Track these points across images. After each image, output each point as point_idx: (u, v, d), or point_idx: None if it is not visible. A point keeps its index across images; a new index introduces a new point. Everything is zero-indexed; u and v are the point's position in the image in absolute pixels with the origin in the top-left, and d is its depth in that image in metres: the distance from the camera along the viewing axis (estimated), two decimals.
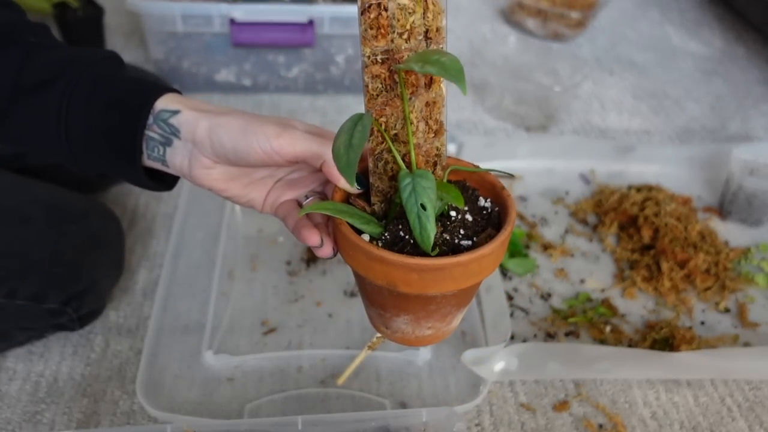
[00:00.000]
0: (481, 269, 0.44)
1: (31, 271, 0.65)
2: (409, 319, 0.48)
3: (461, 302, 0.49)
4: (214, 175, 0.51)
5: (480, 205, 0.49)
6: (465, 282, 0.44)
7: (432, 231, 0.42)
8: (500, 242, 0.44)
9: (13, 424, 0.65)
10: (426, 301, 0.46)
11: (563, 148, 1.03)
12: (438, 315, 0.48)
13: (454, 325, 0.51)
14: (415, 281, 0.43)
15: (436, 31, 0.43)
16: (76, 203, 0.73)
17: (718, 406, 0.71)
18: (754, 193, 0.92)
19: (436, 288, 0.44)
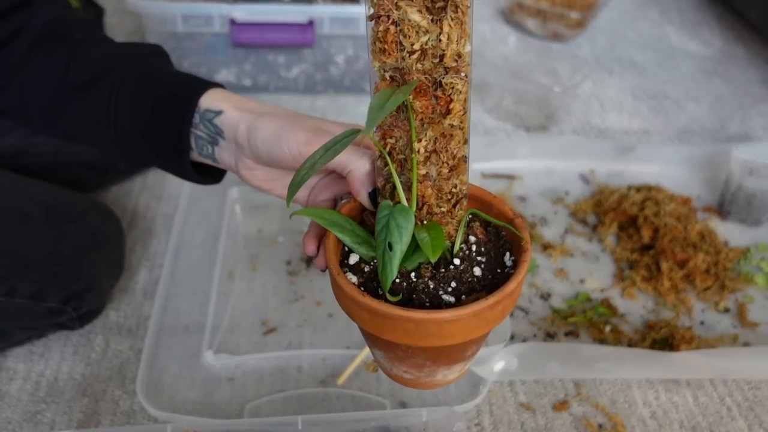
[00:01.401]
0: (441, 333, 0.38)
1: (31, 269, 0.65)
2: (383, 356, 0.45)
3: (437, 360, 0.42)
4: (259, 175, 0.53)
5: (503, 260, 0.44)
6: (423, 340, 0.39)
7: (392, 274, 0.38)
8: (471, 311, 0.38)
9: (14, 423, 0.65)
10: (389, 344, 0.42)
11: (563, 148, 1.03)
12: (410, 363, 0.43)
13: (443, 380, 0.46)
14: (367, 321, 0.40)
15: (457, 56, 0.37)
16: (75, 202, 0.73)
17: (717, 405, 0.72)
18: (753, 193, 0.92)
19: (390, 335, 0.40)
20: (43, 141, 0.81)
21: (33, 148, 0.81)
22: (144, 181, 0.95)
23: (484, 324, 0.40)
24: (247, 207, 0.91)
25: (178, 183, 0.95)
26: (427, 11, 0.36)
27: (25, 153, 0.81)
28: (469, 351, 0.44)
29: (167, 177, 0.96)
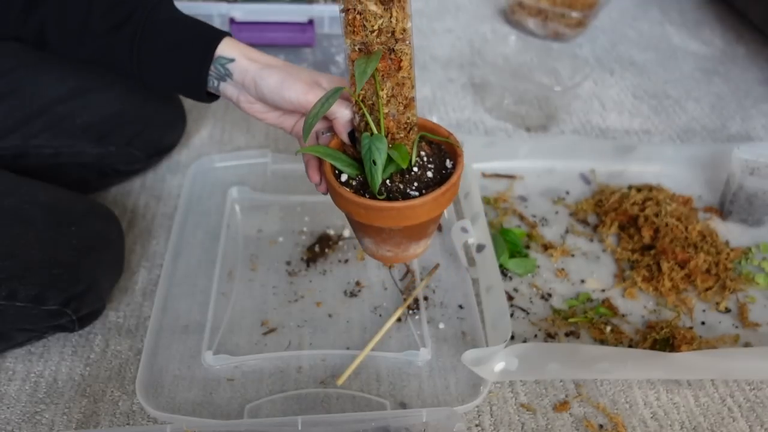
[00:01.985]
0: (414, 215, 0.57)
1: (32, 272, 0.65)
2: (371, 241, 0.62)
3: (410, 236, 0.61)
4: (257, 107, 0.65)
5: (446, 165, 0.60)
6: (401, 222, 0.57)
7: (378, 180, 0.55)
8: (432, 197, 0.56)
9: (12, 424, 0.65)
10: (377, 230, 0.60)
11: (564, 147, 1.03)
12: (391, 242, 0.62)
13: (414, 252, 0.64)
14: (363, 215, 0.57)
15: (402, 31, 0.53)
16: (76, 204, 0.73)
17: (718, 406, 0.71)
18: (754, 192, 0.92)
19: (380, 222, 0.57)
20: (43, 143, 0.81)
21: (33, 149, 0.81)
22: (143, 182, 0.95)
23: (439, 206, 0.58)
24: (247, 207, 0.91)
25: (177, 183, 0.95)
26: (381, 3, 0.52)
27: (24, 154, 0.81)
28: (430, 229, 0.63)
29: (167, 177, 0.96)
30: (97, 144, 0.84)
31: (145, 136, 0.89)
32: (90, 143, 0.84)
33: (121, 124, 0.86)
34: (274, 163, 0.97)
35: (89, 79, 0.85)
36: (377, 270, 0.83)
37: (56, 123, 0.81)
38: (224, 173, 0.96)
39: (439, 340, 0.75)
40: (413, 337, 0.76)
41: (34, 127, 0.80)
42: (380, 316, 0.78)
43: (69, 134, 0.82)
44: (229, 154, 0.98)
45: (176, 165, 0.98)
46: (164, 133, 0.93)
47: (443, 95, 1.20)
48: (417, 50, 1.34)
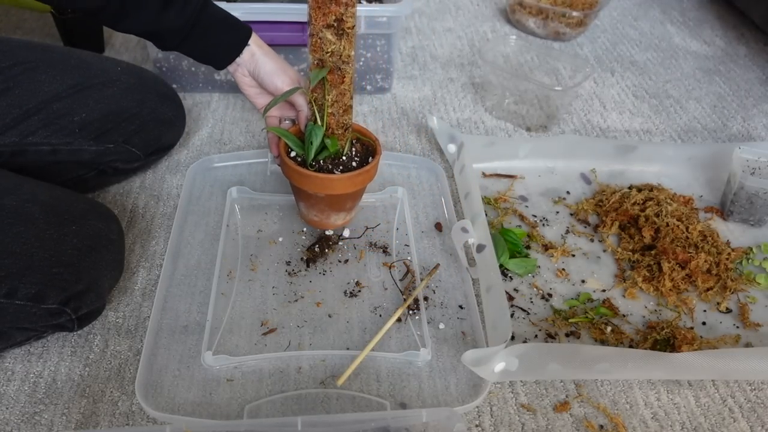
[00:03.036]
0: (332, 186, 0.78)
1: (31, 271, 0.64)
2: (304, 205, 0.83)
3: (330, 206, 0.81)
4: (248, 81, 0.83)
5: (368, 160, 0.82)
6: (324, 190, 0.78)
7: (310, 156, 0.78)
8: (347, 176, 0.77)
9: (12, 424, 0.65)
10: (308, 195, 0.80)
11: (564, 147, 1.02)
12: (317, 208, 0.82)
13: (335, 222, 0.85)
14: (298, 180, 0.79)
15: (347, 56, 0.73)
16: (76, 203, 0.73)
17: (719, 407, 0.71)
18: (755, 192, 0.92)
19: (309, 187, 0.78)
20: (41, 140, 0.81)
21: (30, 147, 0.80)
22: (143, 181, 0.95)
23: (353, 184, 0.79)
24: (247, 207, 0.91)
25: (177, 183, 0.95)
26: (335, 35, 0.72)
27: (22, 152, 0.80)
28: (348, 204, 0.83)
29: (166, 177, 0.96)
30: (95, 142, 0.84)
31: (144, 135, 0.89)
32: (88, 141, 0.84)
33: (119, 121, 0.86)
34: (273, 163, 0.97)
35: (87, 77, 0.85)
36: (377, 270, 0.83)
37: (54, 120, 0.81)
38: (224, 173, 0.96)
39: (439, 341, 0.75)
40: (413, 337, 0.75)
41: (31, 125, 0.80)
42: (380, 317, 0.78)
43: (67, 132, 0.82)
44: (229, 154, 0.98)
45: (176, 165, 0.98)
46: (163, 132, 0.93)
47: (443, 95, 1.20)
48: (417, 49, 1.34)
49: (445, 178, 0.97)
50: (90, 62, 0.88)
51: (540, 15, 1.38)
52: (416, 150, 1.05)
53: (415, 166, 1.00)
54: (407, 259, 0.85)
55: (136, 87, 0.89)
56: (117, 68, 0.90)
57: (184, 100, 1.10)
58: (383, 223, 0.90)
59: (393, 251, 0.86)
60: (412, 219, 0.91)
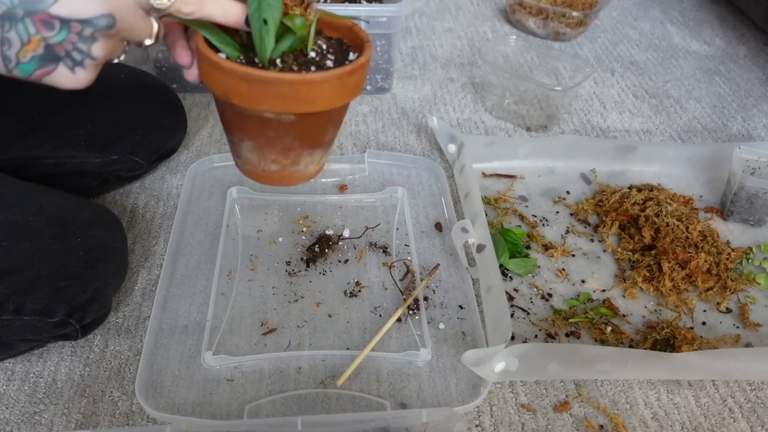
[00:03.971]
0: (311, 95, 0.46)
1: (38, 287, 0.64)
2: (252, 146, 0.51)
3: (303, 137, 0.50)
4: None
5: (348, 58, 0.52)
6: (296, 105, 0.46)
7: (270, 45, 0.46)
8: (336, 74, 0.47)
9: (12, 424, 0.65)
10: (262, 123, 0.49)
11: (564, 147, 1.02)
12: (279, 147, 0.50)
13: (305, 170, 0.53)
14: (244, 94, 0.46)
15: None
16: (81, 212, 0.72)
17: (719, 407, 0.71)
18: (756, 192, 0.92)
19: (266, 104, 0.46)
20: (46, 154, 0.81)
21: (35, 161, 0.80)
22: (143, 182, 0.95)
23: (345, 90, 0.48)
24: (247, 207, 0.91)
25: (177, 183, 0.95)
26: None
27: (28, 165, 0.80)
28: (329, 132, 0.53)
29: (166, 177, 0.96)
30: (99, 153, 0.84)
31: (147, 144, 0.89)
32: (93, 153, 0.84)
33: (123, 132, 0.86)
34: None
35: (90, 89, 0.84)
36: (377, 270, 0.83)
37: (59, 133, 0.81)
38: (224, 173, 0.96)
39: (439, 341, 0.75)
40: (413, 337, 0.75)
41: (36, 138, 0.80)
42: (380, 317, 0.78)
43: (72, 145, 0.82)
44: (229, 154, 0.97)
45: (176, 165, 0.98)
46: (165, 140, 0.93)
47: (443, 95, 1.20)
48: (417, 49, 1.34)
49: (445, 178, 0.97)
50: None
51: (540, 15, 1.38)
52: (416, 150, 1.05)
53: (415, 166, 1.00)
54: (407, 259, 0.85)
55: (139, 96, 0.89)
56: (119, 75, 0.90)
57: (184, 100, 1.10)
58: (383, 223, 0.90)
59: (393, 251, 0.86)
60: (412, 219, 0.91)
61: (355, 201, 0.93)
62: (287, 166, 0.52)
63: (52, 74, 0.48)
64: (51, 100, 0.81)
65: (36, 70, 0.48)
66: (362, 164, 0.99)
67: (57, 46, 0.46)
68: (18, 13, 0.43)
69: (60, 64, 0.48)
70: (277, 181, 0.54)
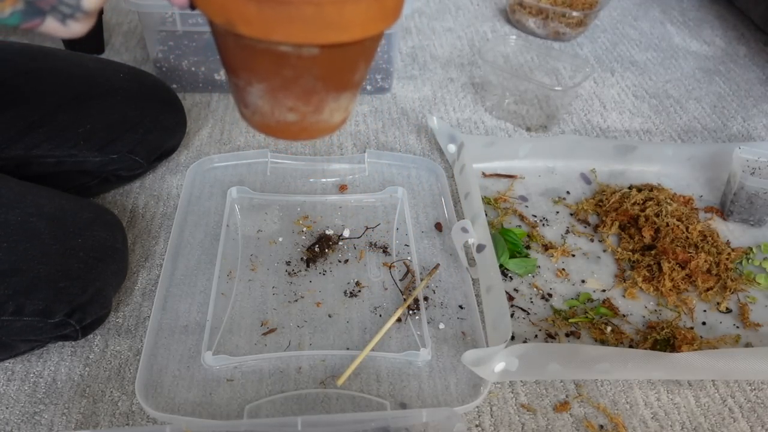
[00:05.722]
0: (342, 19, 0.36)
1: (38, 288, 0.64)
2: (264, 90, 0.41)
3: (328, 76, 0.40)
4: None
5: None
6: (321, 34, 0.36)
7: None
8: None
9: (12, 424, 0.65)
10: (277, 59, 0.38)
11: (564, 147, 1.02)
12: (298, 89, 0.40)
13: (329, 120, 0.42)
14: (254, 17, 0.36)
15: None
16: (81, 213, 0.72)
17: (719, 407, 0.71)
18: (756, 192, 0.92)
19: (282, 33, 0.36)
20: (46, 153, 0.81)
21: (35, 159, 0.80)
22: (143, 182, 0.95)
23: (382, 12, 0.38)
24: (247, 207, 0.91)
25: (177, 183, 0.95)
26: None
27: (27, 164, 0.80)
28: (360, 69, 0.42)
29: (166, 177, 0.96)
30: (99, 153, 0.84)
31: (147, 143, 0.89)
32: (92, 152, 0.84)
33: (123, 132, 0.86)
34: (273, 163, 0.97)
35: (90, 86, 0.84)
36: (377, 270, 0.83)
37: (58, 133, 0.81)
38: (224, 173, 0.96)
39: (439, 341, 0.75)
40: (413, 337, 0.75)
41: (36, 138, 0.80)
42: (380, 317, 0.78)
43: (71, 144, 0.82)
44: (229, 154, 0.98)
45: (176, 165, 0.98)
46: (165, 139, 0.93)
47: (443, 95, 1.20)
48: (417, 49, 1.34)
49: (445, 178, 0.97)
50: (92, 69, 0.88)
51: (540, 15, 1.38)
52: (416, 150, 1.05)
53: (415, 166, 1.00)
54: (407, 259, 0.85)
55: (138, 95, 0.89)
56: (119, 75, 0.90)
57: (183, 100, 1.10)
58: (383, 223, 0.90)
59: (393, 251, 0.86)
60: (412, 219, 0.91)
61: (355, 201, 0.93)
62: (308, 114, 0.42)
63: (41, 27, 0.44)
64: (51, 99, 0.81)
65: (21, 23, 0.43)
66: (362, 164, 0.99)
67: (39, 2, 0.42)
68: None
69: (47, 18, 0.44)
70: (295, 135, 0.43)
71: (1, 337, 0.66)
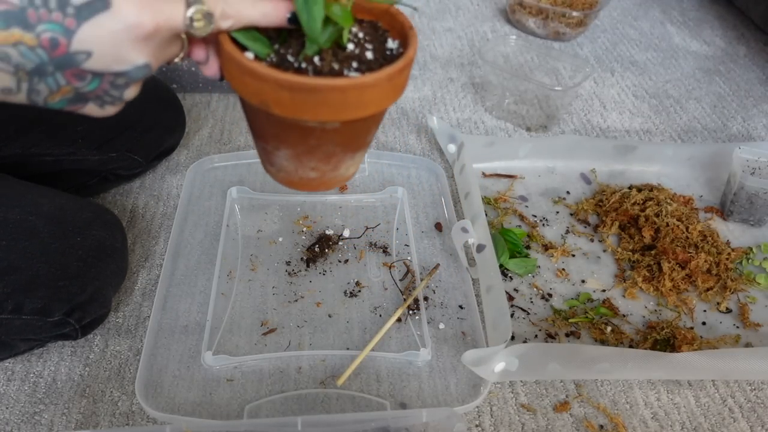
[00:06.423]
0: (361, 101, 0.42)
1: (37, 286, 0.64)
2: (290, 155, 0.46)
3: (347, 142, 0.46)
4: None
5: (387, 46, 0.47)
6: (343, 113, 0.42)
7: (319, 15, 0.40)
8: (386, 75, 0.42)
9: (12, 424, 0.65)
10: (304, 132, 0.44)
11: (564, 147, 1.02)
12: (320, 154, 0.46)
13: (344, 174, 0.49)
14: (287, 102, 0.41)
15: None
16: (81, 212, 0.72)
17: (719, 407, 0.71)
18: (755, 192, 0.92)
19: (311, 114, 0.42)
20: (44, 151, 0.81)
21: (34, 158, 0.80)
22: (143, 182, 0.95)
23: (393, 90, 0.44)
24: (247, 207, 0.91)
25: (177, 183, 0.95)
26: None
27: (25, 163, 0.80)
28: (372, 132, 0.49)
29: (166, 177, 0.96)
30: (98, 151, 0.84)
31: (146, 142, 0.89)
32: (91, 151, 0.84)
33: (122, 130, 0.86)
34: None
35: None
36: (377, 270, 0.83)
37: (57, 131, 0.81)
38: (224, 173, 0.96)
39: (439, 341, 0.75)
40: (413, 337, 0.75)
41: (34, 136, 0.80)
42: (380, 316, 0.78)
43: (69, 142, 0.82)
44: (229, 154, 0.98)
45: (176, 165, 0.98)
46: (165, 138, 0.93)
47: (443, 95, 1.20)
48: (417, 49, 1.33)
49: (445, 178, 0.97)
50: None
51: (540, 15, 1.38)
52: (416, 150, 1.05)
53: (415, 166, 1.00)
54: (407, 259, 0.85)
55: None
56: None
57: (183, 100, 1.10)
58: (383, 223, 0.90)
59: (393, 251, 0.86)
60: (412, 219, 0.91)
61: (355, 201, 0.93)
62: (327, 172, 0.48)
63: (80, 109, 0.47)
64: None
65: (64, 107, 0.46)
66: (362, 164, 0.99)
67: (88, 93, 0.44)
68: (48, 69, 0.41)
69: (89, 103, 0.46)
70: (315, 187, 0.50)
71: (1, 335, 0.66)
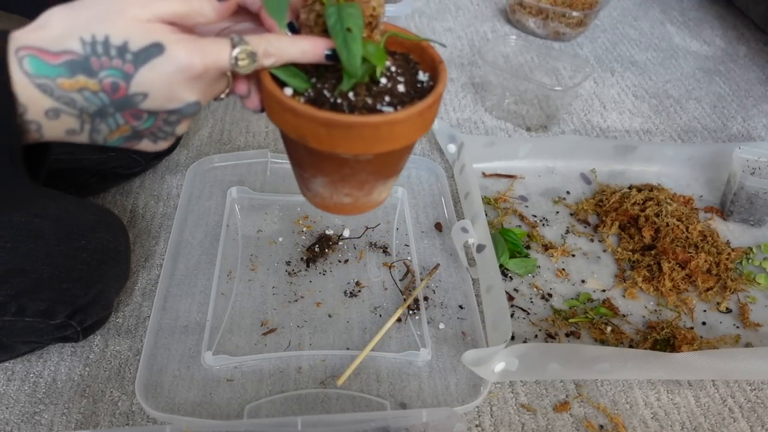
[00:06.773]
0: (393, 135, 0.44)
1: (41, 288, 0.64)
2: (326, 182, 0.49)
3: (379, 171, 0.49)
4: None
5: (418, 78, 0.49)
6: (376, 146, 0.45)
7: (358, 52, 0.43)
8: (417, 111, 0.44)
9: (12, 424, 0.65)
10: (339, 162, 0.47)
11: (564, 147, 1.02)
12: (354, 182, 0.48)
13: (377, 199, 0.52)
14: (324, 137, 0.44)
15: None
16: (85, 215, 0.72)
17: (719, 407, 0.71)
18: (755, 192, 0.92)
19: (345, 147, 0.44)
20: None
21: None
22: (143, 182, 0.95)
23: (423, 124, 0.46)
24: (247, 207, 0.91)
25: (177, 183, 0.95)
26: None
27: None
28: (403, 161, 0.51)
29: (166, 177, 0.96)
30: (96, 150, 0.84)
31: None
32: (90, 150, 0.84)
33: None
34: (273, 163, 0.97)
35: None
36: (377, 270, 0.83)
37: None
38: (224, 173, 0.96)
39: (439, 341, 0.75)
40: (413, 337, 0.75)
41: None
42: (380, 317, 0.78)
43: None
44: (229, 154, 0.98)
45: (175, 165, 0.98)
46: None
47: (443, 95, 1.20)
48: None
49: (445, 178, 0.97)
50: None
51: (540, 15, 1.38)
52: (416, 150, 1.05)
53: (415, 166, 1.00)
54: (407, 259, 0.85)
55: None
56: None
57: None
58: (383, 223, 0.90)
59: (393, 251, 0.86)
60: (412, 219, 0.91)
61: None
62: (360, 197, 0.51)
63: (136, 146, 0.49)
64: None
65: (120, 144, 0.48)
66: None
67: (143, 131, 0.46)
68: (109, 110, 0.43)
69: (144, 139, 0.48)
70: (348, 212, 0.52)
71: (2, 338, 0.66)
